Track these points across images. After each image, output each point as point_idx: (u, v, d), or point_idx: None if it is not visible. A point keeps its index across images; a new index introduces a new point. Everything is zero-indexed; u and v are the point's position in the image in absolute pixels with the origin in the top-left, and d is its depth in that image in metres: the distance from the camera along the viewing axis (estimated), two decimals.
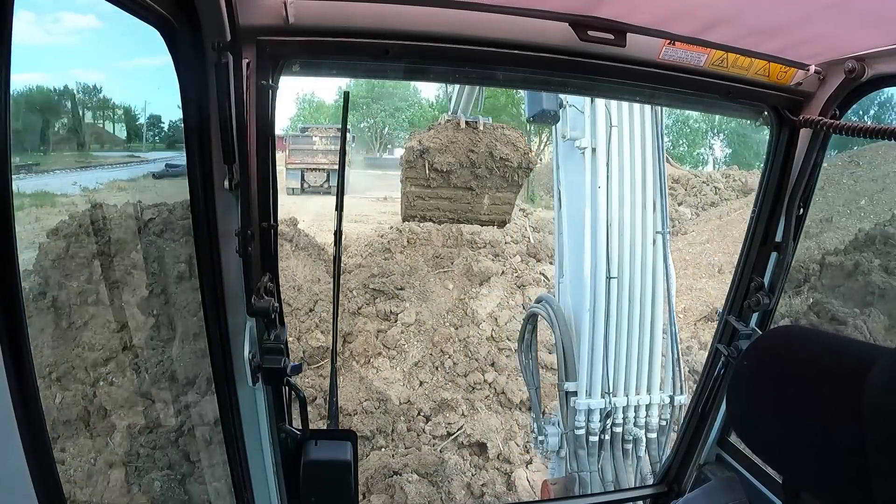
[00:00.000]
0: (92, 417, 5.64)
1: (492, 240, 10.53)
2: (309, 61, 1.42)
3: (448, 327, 8.64)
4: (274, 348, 1.54)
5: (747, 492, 1.94)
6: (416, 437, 7.09)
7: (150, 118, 16.10)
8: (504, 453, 7.02)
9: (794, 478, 0.93)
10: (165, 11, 1.10)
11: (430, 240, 10.22)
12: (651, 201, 4.00)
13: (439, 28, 1.38)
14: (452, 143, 7.68)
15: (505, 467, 6.89)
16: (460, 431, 7.18)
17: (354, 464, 1.74)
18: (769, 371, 0.93)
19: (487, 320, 8.87)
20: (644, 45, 1.50)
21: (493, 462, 6.96)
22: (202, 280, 1.41)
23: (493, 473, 6.78)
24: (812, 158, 1.75)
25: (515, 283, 9.74)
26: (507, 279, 9.76)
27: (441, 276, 9.59)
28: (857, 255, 10.83)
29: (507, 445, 7.13)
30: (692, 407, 2.21)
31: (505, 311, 9.08)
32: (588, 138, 3.95)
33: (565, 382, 4.05)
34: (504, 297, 9.35)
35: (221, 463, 5.60)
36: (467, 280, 9.49)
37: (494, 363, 8.24)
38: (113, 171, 10.70)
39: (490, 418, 7.42)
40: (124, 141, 15.09)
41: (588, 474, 4.02)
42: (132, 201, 6.78)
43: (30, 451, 0.74)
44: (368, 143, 40.29)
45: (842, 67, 1.57)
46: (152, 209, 6.53)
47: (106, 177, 9.47)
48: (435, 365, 8.14)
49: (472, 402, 7.66)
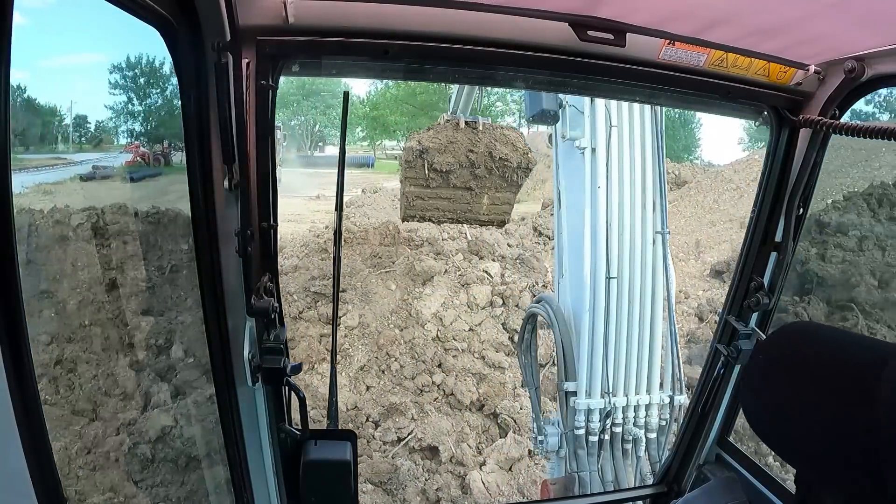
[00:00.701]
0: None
1: (429, 237, 10.39)
2: (308, 61, 1.42)
3: (393, 329, 8.46)
4: (273, 348, 1.54)
5: (747, 492, 1.94)
6: (367, 444, 7.00)
7: (76, 118, 15.47)
8: (457, 456, 6.93)
9: (807, 471, 0.93)
10: (165, 11, 1.09)
11: (367, 238, 10.08)
12: (651, 201, 4.00)
13: (439, 28, 1.38)
14: (452, 144, 7.67)
15: (459, 470, 6.83)
16: (411, 436, 7.09)
17: (354, 464, 1.73)
18: (783, 366, 0.93)
19: (432, 321, 8.69)
20: (644, 45, 1.50)
21: (446, 465, 6.88)
22: (202, 280, 1.41)
23: (446, 477, 6.71)
24: (812, 158, 1.75)
25: (459, 281, 9.55)
26: (450, 278, 9.57)
27: (383, 276, 9.40)
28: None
29: (460, 448, 7.04)
30: (692, 407, 2.21)
31: (450, 311, 8.88)
32: (588, 138, 3.94)
33: (565, 382, 4.05)
34: (448, 296, 9.16)
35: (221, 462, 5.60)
36: (410, 280, 9.31)
37: (442, 364, 8.09)
38: (37, 175, 9.98)
39: (441, 421, 7.32)
40: (50, 142, 14.57)
41: (588, 474, 4.02)
42: (60, 206, 6.66)
43: (29, 452, 0.74)
44: (300, 140, 39.49)
45: (841, 67, 1.57)
46: (81, 214, 6.45)
47: (30, 181, 8.92)
48: (381, 368, 7.97)
49: (422, 406, 7.52)
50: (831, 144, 1.76)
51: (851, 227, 10.21)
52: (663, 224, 4.03)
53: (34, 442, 0.75)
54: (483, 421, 7.64)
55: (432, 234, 10.44)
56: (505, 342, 8.67)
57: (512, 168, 7.87)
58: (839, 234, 10.07)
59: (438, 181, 7.91)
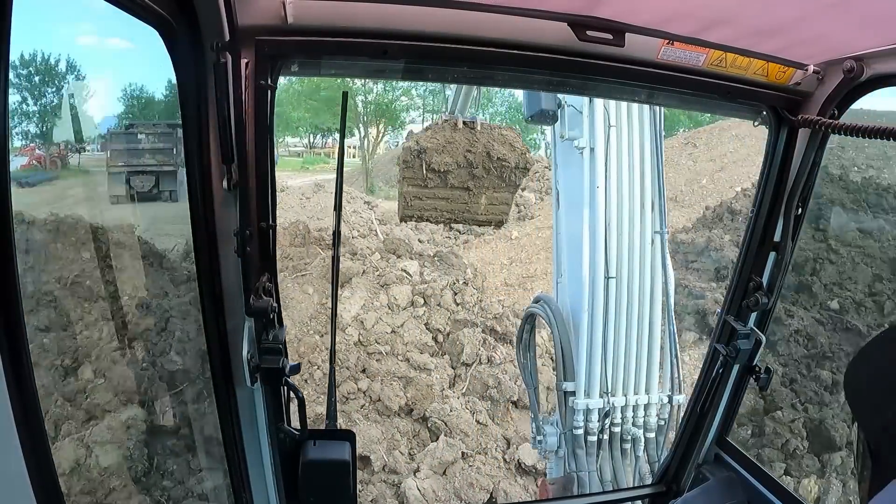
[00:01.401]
0: None
1: (343, 237, 10.24)
2: (307, 61, 1.42)
3: (313, 335, 8.21)
4: (272, 348, 1.53)
5: (746, 491, 1.94)
6: None
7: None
8: (389, 464, 6.80)
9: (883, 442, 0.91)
10: (164, 12, 1.09)
11: (277, 240, 9.83)
12: (649, 201, 4.00)
13: (438, 28, 1.38)
14: (450, 144, 7.69)
15: (392, 478, 6.70)
16: None
17: (353, 464, 1.73)
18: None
19: (353, 324, 8.44)
20: (643, 45, 1.50)
21: (379, 475, 6.76)
22: (200, 280, 1.41)
23: (381, 487, 6.59)
24: (811, 158, 1.75)
25: (378, 282, 9.30)
26: (368, 279, 9.34)
27: (299, 279, 9.15)
28: (706, 231, 11.36)
29: (392, 455, 6.90)
30: (691, 406, 2.21)
31: (371, 313, 8.67)
32: (586, 138, 3.95)
33: (564, 382, 4.05)
34: (368, 297, 8.97)
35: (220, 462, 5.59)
36: (327, 282, 9.04)
37: (366, 369, 7.88)
38: None
39: (370, 429, 7.16)
40: None
41: (587, 474, 4.01)
42: None
43: (28, 453, 0.74)
44: None
45: (840, 67, 1.57)
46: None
47: None
48: (304, 377, 7.68)
49: (349, 414, 7.32)
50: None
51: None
52: (662, 224, 4.03)
53: (33, 443, 0.75)
54: (413, 426, 7.48)
55: (343, 233, 10.04)
56: (429, 343, 8.48)
57: (510, 168, 7.89)
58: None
59: (436, 181, 7.92)
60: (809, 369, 7.95)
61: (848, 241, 9.77)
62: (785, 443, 6.99)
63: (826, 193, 10.64)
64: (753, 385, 2.04)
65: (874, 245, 9.77)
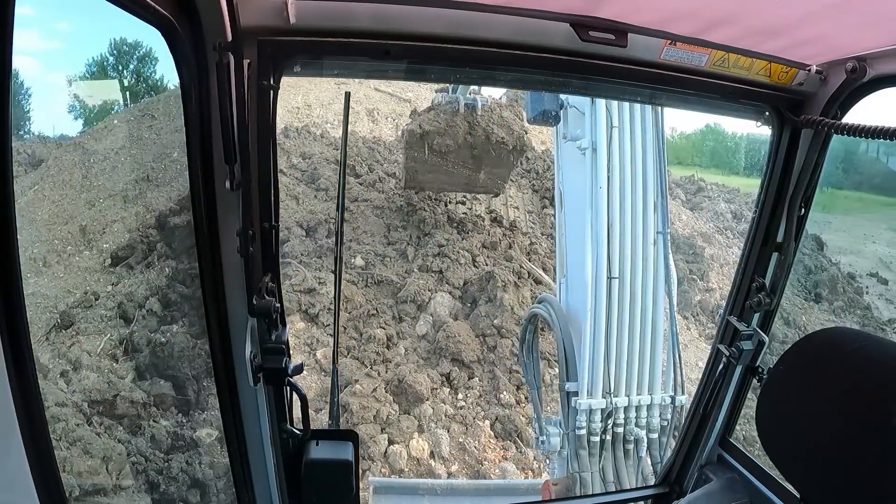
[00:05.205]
0: None
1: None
2: (309, 62, 1.42)
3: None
4: (275, 348, 1.54)
5: (748, 492, 1.93)
6: None
7: None
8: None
9: (810, 493, 0.89)
10: (166, 12, 1.09)
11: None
12: (652, 202, 4.00)
13: (440, 28, 1.38)
14: (451, 127, 7.77)
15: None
16: None
17: (356, 464, 1.73)
18: (802, 378, 0.88)
19: None
20: (645, 45, 1.50)
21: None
22: (203, 280, 1.41)
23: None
24: (813, 159, 1.74)
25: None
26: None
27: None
28: None
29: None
30: (693, 407, 2.20)
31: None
32: (589, 139, 3.95)
33: (566, 382, 4.05)
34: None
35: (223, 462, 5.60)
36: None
37: None
38: None
39: None
40: None
41: (589, 474, 4.01)
42: None
43: (31, 451, 0.74)
44: None
45: (843, 67, 1.56)
46: None
47: None
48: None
49: None
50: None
51: None
52: (664, 224, 4.03)
53: (35, 441, 0.75)
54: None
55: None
56: None
57: (508, 150, 8.03)
58: None
59: (438, 160, 8.06)
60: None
61: None
62: None
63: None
64: (756, 386, 2.04)
65: None
